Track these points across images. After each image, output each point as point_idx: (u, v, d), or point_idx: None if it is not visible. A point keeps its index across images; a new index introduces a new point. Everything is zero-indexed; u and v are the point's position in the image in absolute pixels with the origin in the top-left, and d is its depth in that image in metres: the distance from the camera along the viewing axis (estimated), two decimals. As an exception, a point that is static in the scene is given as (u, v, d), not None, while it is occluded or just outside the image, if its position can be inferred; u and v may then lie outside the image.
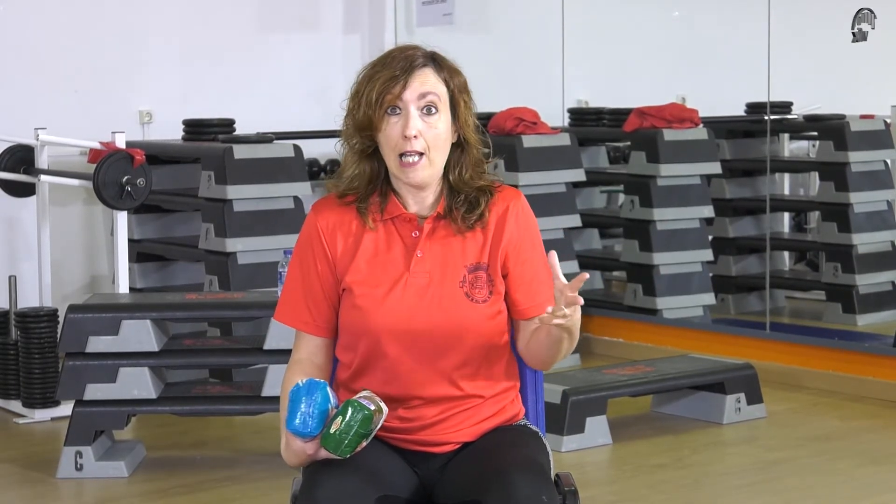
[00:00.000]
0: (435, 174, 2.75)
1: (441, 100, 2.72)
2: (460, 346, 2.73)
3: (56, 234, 6.52)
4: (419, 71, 2.71)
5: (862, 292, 7.38)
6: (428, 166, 2.72)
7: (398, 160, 2.71)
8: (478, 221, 2.76)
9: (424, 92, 2.70)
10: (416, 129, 2.69)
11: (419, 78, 2.71)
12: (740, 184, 8.03)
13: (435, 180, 2.77)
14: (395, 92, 2.69)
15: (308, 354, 2.82)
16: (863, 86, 7.89)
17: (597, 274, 7.87)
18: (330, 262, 2.78)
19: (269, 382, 4.99)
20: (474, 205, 2.76)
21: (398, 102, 2.69)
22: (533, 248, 2.80)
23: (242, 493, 4.81)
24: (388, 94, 2.69)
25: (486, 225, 2.77)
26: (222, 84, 7.54)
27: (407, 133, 2.68)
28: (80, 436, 4.93)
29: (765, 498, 4.79)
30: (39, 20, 7.02)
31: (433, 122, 2.71)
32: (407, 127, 2.68)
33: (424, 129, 2.70)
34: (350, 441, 2.57)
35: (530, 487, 2.57)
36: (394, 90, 2.69)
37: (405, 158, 2.70)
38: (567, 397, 5.32)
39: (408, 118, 2.69)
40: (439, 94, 2.72)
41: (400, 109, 2.70)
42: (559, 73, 8.02)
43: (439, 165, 2.75)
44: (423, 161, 2.71)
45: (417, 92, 2.70)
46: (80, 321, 4.93)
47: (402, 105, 2.70)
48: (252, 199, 6.34)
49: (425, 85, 2.71)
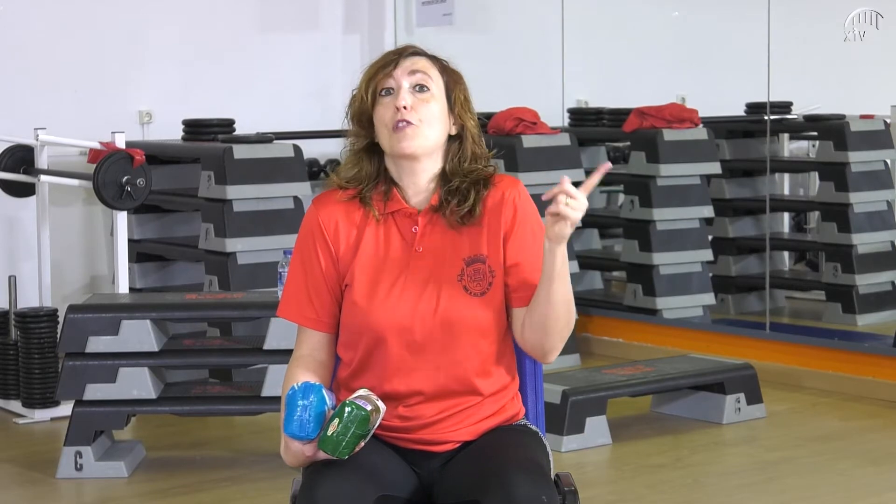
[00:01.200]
0: (426, 147, 2.77)
1: (433, 81, 2.78)
2: (459, 341, 2.73)
3: (56, 234, 6.52)
4: (412, 56, 2.80)
5: (862, 292, 7.38)
6: (420, 135, 2.75)
7: (392, 131, 2.74)
8: (468, 214, 2.76)
9: (415, 69, 2.77)
10: (407, 102, 2.74)
11: (411, 59, 2.79)
12: (740, 184, 8.03)
13: (429, 155, 2.78)
14: (387, 71, 2.76)
15: (310, 350, 2.82)
16: (863, 86, 7.89)
17: (597, 274, 7.87)
18: (332, 256, 2.79)
19: (269, 382, 4.99)
20: (465, 197, 2.77)
21: (390, 82, 2.76)
22: (531, 235, 2.78)
23: (242, 493, 4.81)
24: (380, 74, 2.76)
25: (482, 216, 2.78)
26: (222, 84, 7.54)
27: (398, 104, 2.74)
28: (79, 436, 4.93)
29: (764, 498, 4.79)
30: (39, 20, 7.02)
31: (425, 97, 2.76)
32: (398, 98, 2.74)
33: (416, 103, 2.75)
34: (347, 442, 2.57)
35: (530, 487, 2.57)
36: (386, 70, 2.77)
37: (397, 125, 2.73)
38: (567, 397, 5.32)
39: (399, 91, 2.75)
40: (431, 75, 2.78)
41: (392, 89, 2.76)
42: (559, 73, 8.02)
43: (433, 141, 2.77)
44: (414, 129, 2.74)
45: (408, 70, 2.77)
46: (80, 321, 4.92)
47: (394, 84, 2.76)
48: (252, 200, 6.34)
49: (416, 64, 2.78)
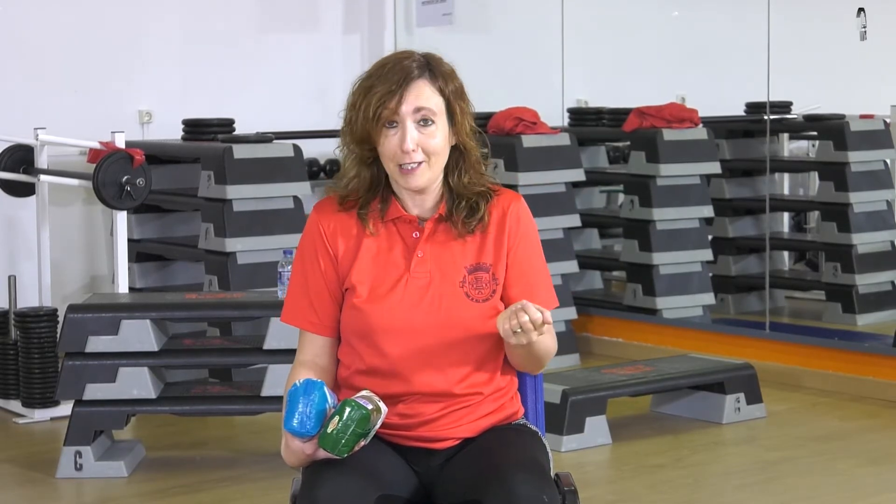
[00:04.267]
0: (434, 177, 2.78)
1: (437, 111, 2.74)
2: (460, 345, 2.74)
3: (56, 233, 6.52)
4: (414, 84, 2.72)
5: (861, 292, 7.38)
6: (427, 171, 2.75)
7: (398, 169, 2.73)
8: (478, 225, 2.78)
9: (420, 106, 2.72)
10: (414, 143, 2.71)
11: (414, 91, 2.72)
12: (740, 184, 8.03)
13: (435, 183, 2.79)
14: (391, 107, 2.71)
15: (312, 356, 2.83)
16: (863, 86, 7.89)
17: (596, 274, 7.88)
18: (333, 261, 2.80)
19: (269, 382, 4.98)
20: (475, 210, 2.79)
21: (395, 117, 2.72)
22: (531, 249, 2.81)
23: (242, 493, 4.81)
24: (384, 109, 2.71)
25: (486, 227, 2.79)
26: (222, 84, 7.54)
27: (405, 147, 2.71)
28: (79, 436, 4.93)
29: (764, 498, 4.79)
30: (39, 20, 7.02)
31: (430, 132, 2.73)
32: (404, 141, 2.71)
33: (422, 139, 2.72)
34: (347, 441, 2.57)
35: (530, 487, 2.57)
36: (390, 105, 2.71)
37: (404, 167, 2.72)
38: (567, 397, 5.32)
39: (405, 132, 2.71)
40: (434, 108, 2.73)
41: (397, 123, 2.72)
42: (559, 72, 8.02)
43: (439, 169, 2.77)
44: (423, 167, 2.74)
45: (413, 106, 2.71)
46: (80, 321, 4.93)
47: (399, 119, 2.72)
48: (251, 199, 6.34)
49: (420, 99, 2.72)
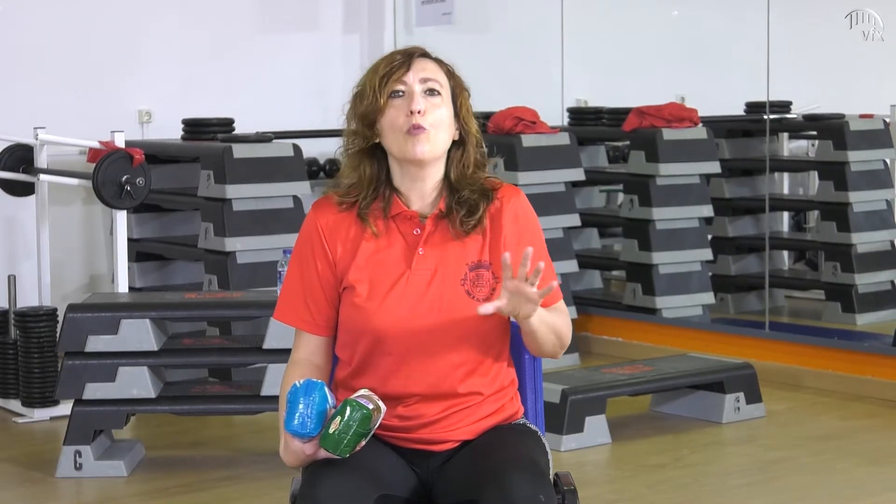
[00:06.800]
0: (436, 153, 2.77)
1: (443, 86, 2.78)
2: (460, 343, 2.73)
3: (55, 233, 6.52)
4: (421, 59, 2.79)
5: (861, 291, 7.38)
6: (432, 140, 2.75)
7: (404, 135, 2.73)
8: (476, 226, 2.77)
9: (427, 77, 2.77)
10: (421, 107, 2.73)
11: (421, 64, 2.78)
12: (739, 183, 8.03)
13: (436, 160, 2.78)
14: (398, 75, 2.75)
15: (307, 354, 2.82)
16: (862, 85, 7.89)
17: (596, 273, 7.87)
18: (330, 262, 2.79)
19: (269, 382, 4.99)
20: (474, 209, 2.78)
21: (402, 85, 2.75)
22: (532, 242, 2.79)
23: (242, 493, 4.81)
24: (392, 76, 2.75)
25: (484, 225, 2.78)
26: (222, 83, 7.54)
27: (413, 107, 2.73)
28: (79, 435, 4.93)
29: (764, 498, 4.79)
30: (39, 20, 7.02)
31: (436, 102, 2.76)
32: (412, 102, 2.73)
33: (428, 107, 2.74)
34: (349, 441, 2.57)
35: (528, 487, 2.57)
36: (398, 73, 2.75)
37: (412, 130, 2.73)
38: (566, 397, 5.32)
39: (412, 96, 2.74)
40: (441, 82, 2.78)
41: (403, 92, 2.75)
42: (559, 72, 8.02)
43: (441, 146, 2.77)
44: (428, 134, 2.74)
45: (420, 76, 2.76)
46: (80, 320, 4.93)
47: (406, 87, 2.75)
48: (251, 199, 6.34)
49: (426, 71, 2.78)
